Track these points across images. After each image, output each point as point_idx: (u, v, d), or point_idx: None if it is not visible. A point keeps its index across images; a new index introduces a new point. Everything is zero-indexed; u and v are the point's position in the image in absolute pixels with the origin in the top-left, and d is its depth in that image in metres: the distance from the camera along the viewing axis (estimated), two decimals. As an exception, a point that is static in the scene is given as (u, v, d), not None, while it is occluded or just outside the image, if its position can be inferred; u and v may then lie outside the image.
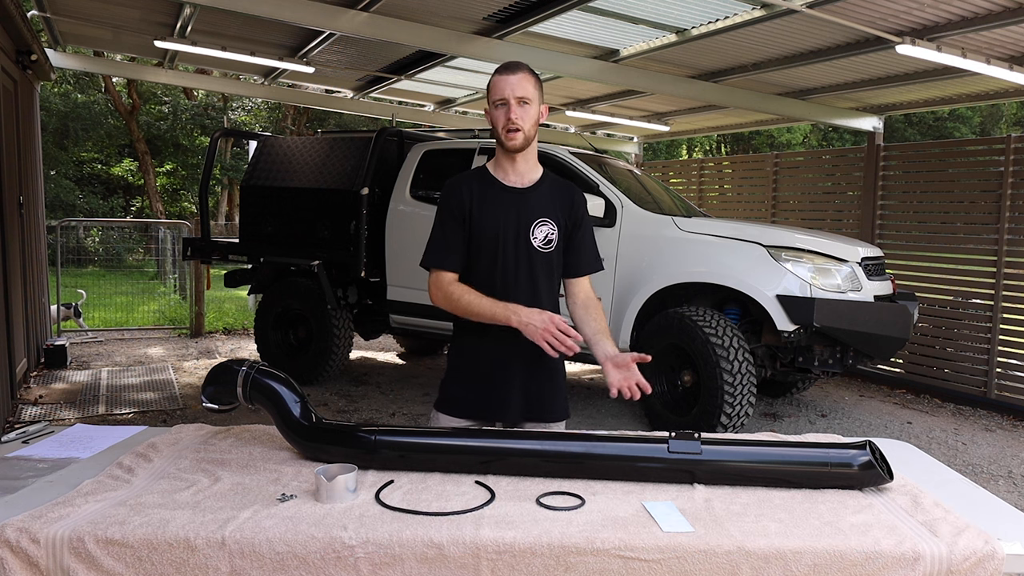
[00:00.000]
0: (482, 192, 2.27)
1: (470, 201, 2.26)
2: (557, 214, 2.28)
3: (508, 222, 2.25)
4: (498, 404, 2.27)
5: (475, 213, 2.25)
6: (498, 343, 2.25)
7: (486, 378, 2.28)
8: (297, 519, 1.63)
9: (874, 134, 7.99)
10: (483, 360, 2.28)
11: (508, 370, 2.27)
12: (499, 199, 2.26)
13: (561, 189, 2.33)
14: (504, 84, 2.17)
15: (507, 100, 2.17)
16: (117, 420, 5.49)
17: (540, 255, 2.27)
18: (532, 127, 2.21)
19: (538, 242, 2.26)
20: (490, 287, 2.25)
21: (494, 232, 2.25)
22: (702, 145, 27.48)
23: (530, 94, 2.17)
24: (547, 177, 2.33)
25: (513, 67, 2.20)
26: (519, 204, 2.26)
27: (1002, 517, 1.82)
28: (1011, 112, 24.78)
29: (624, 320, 5.38)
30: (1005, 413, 6.47)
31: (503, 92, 2.17)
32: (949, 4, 4.75)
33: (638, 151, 11.68)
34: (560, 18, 5.58)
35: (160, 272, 14.13)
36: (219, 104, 22.71)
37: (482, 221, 2.25)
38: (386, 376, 7.29)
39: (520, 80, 2.17)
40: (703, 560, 1.57)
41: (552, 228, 2.27)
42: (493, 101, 2.21)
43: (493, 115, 2.22)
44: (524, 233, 2.25)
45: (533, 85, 2.19)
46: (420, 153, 6.44)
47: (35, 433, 2.35)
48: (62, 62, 8.21)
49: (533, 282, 2.27)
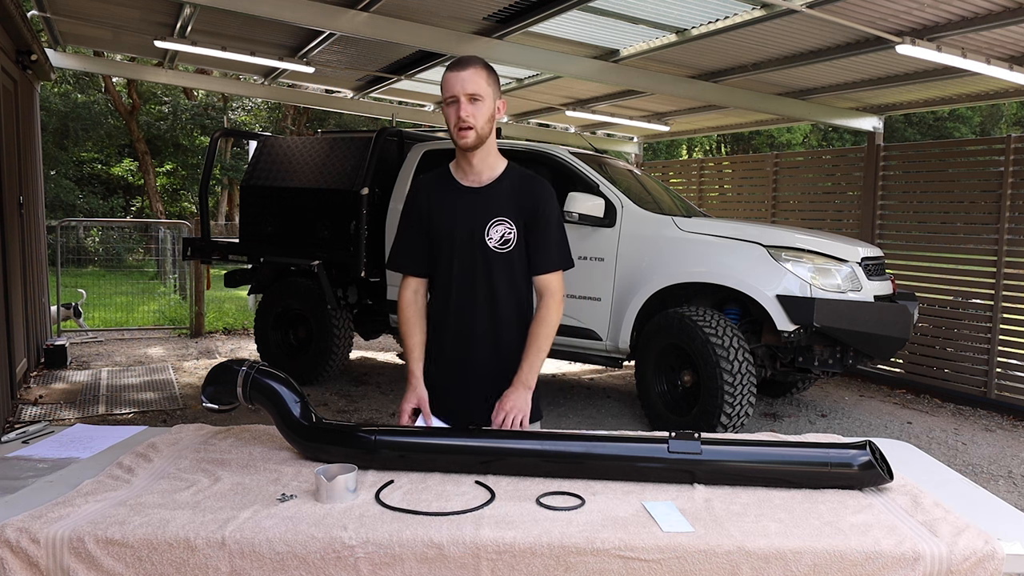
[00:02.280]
0: (440, 193, 2.24)
1: (427, 202, 2.24)
2: (515, 212, 2.20)
3: (462, 222, 2.20)
4: (467, 407, 2.26)
5: (432, 214, 2.23)
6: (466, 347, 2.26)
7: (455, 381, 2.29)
8: (297, 519, 1.63)
9: (874, 134, 7.99)
10: (451, 362, 2.29)
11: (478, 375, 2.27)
12: (454, 199, 2.22)
13: (523, 185, 2.23)
14: (454, 81, 2.10)
15: (457, 97, 2.10)
16: (117, 420, 5.49)
17: (497, 255, 2.20)
18: (485, 124, 2.13)
19: (493, 242, 2.20)
20: (447, 288, 2.25)
21: (448, 233, 2.21)
22: (702, 145, 27.47)
23: (482, 90, 2.10)
24: (511, 173, 2.24)
25: (464, 63, 2.13)
26: (474, 204, 2.21)
27: (1002, 517, 1.82)
28: (1011, 112, 24.78)
29: (624, 320, 5.38)
30: (1005, 413, 6.47)
31: (453, 89, 2.10)
32: (949, 4, 4.75)
33: (638, 151, 11.67)
34: (560, 18, 5.58)
35: (160, 272, 14.12)
36: (219, 104, 22.70)
37: (438, 222, 2.22)
38: (386, 376, 7.29)
39: (471, 76, 2.09)
40: (703, 560, 1.57)
41: (509, 227, 2.20)
42: (445, 99, 2.14)
43: (445, 113, 2.16)
44: (479, 233, 2.19)
45: (486, 81, 2.11)
46: (420, 153, 6.44)
47: (35, 433, 2.35)
48: (62, 62, 8.21)
49: (490, 284, 2.22)
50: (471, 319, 2.24)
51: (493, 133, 2.20)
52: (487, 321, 2.24)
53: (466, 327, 2.25)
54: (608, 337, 5.47)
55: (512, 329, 2.26)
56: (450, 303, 2.26)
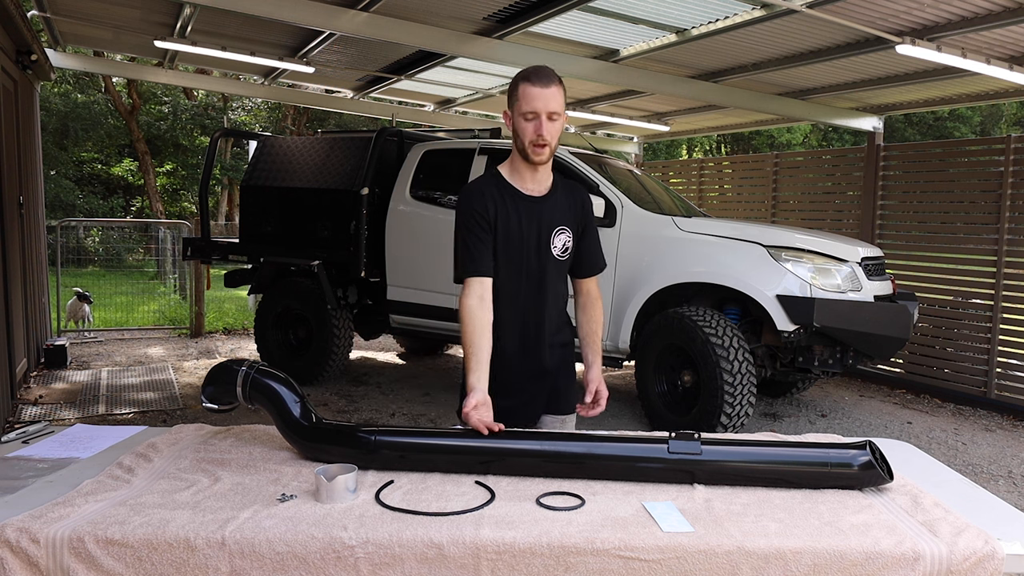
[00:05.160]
0: (504, 200, 2.22)
1: (494, 209, 2.21)
2: (572, 221, 2.29)
3: (531, 231, 2.23)
4: (526, 412, 2.30)
5: (499, 220, 2.21)
6: (528, 354, 2.29)
7: (519, 388, 2.28)
8: (297, 519, 1.63)
9: (874, 134, 7.99)
10: (518, 371, 2.28)
11: (542, 380, 2.32)
12: (520, 208, 2.23)
13: (571, 194, 2.33)
14: (537, 97, 2.11)
15: (538, 114, 2.11)
16: (117, 420, 5.49)
17: (558, 263, 2.28)
18: (557, 141, 2.18)
19: (557, 251, 2.27)
20: (510, 295, 2.25)
21: (519, 242, 2.22)
22: (702, 145, 27.46)
23: (560, 108, 2.13)
24: (557, 182, 2.31)
25: (547, 79, 2.13)
26: (539, 213, 2.25)
27: (1002, 517, 1.82)
28: (1011, 112, 24.75)
29: (624, 320, 5.38)
30: (1005, 413, 6.47)
31: (535, 106, 2.11)
32: (949, 4, 4.75)
33: (638, 151, 11.68)
34: (560, 18, 5.58)
35: (160, 272, 14.12)
36: (219, 104, 22.69)
37: (507, 230, 2.21)
38: (386, 376, 7.29)
39: (553, 95, 2.12)
40: (703, 560, 1.57)
41: (569, 236, 2.29)
42: (523, 112, 2.13)
43: (520, 126, 2.15)
44: (545, 242, 2.25)
45: (563, 98, 2.15)
46: (420, 153, 6.44)
47: (35, 433, 2.35)
48: (62, 62, 8.21)
49: (551, 290, 2.29)
50: (535, 325, 2.29)
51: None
52: (548, 325, 2.31)
53: (530, 332, 2.29)
54: (608, 337, 5.47)
55: (564, 331, 2.38)
56: (514, 310, 2.27)
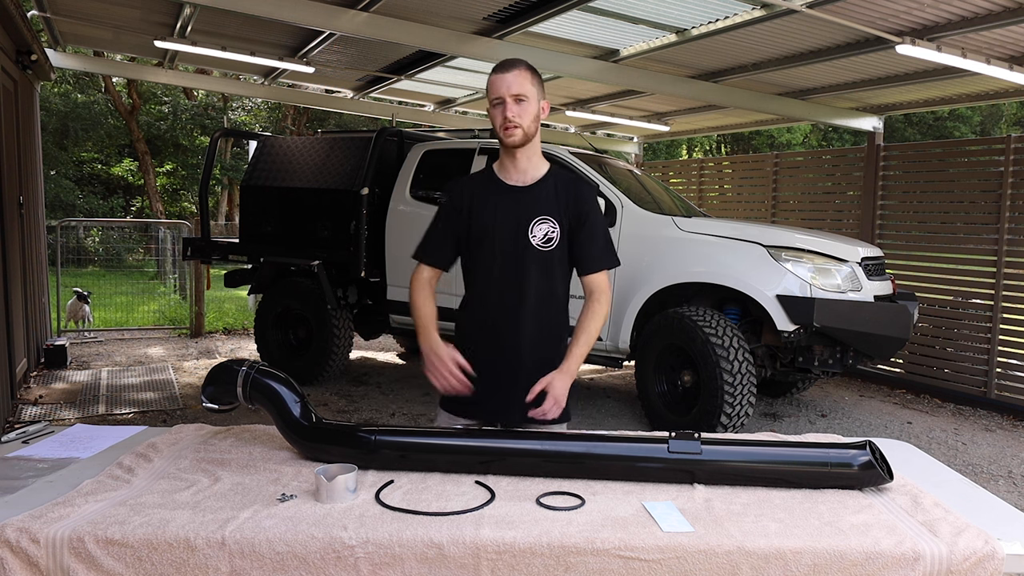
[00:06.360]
0: (483, 191, 2.28)
1: (469, 199, 2.27)
2: (559, 212, 2.25)
3: (506, 220, 2.24)
4: (503, 406, 2.26)
5: (474, 211, 2.26)
6: (505, 346, 2.25)
7: (492, 381, 2.26)
8: (297, 519, 1.63)
9: (874, 134, 7.99)
10: (489, 362, 2.26)
11: (516, 373, 2.25)
12: (498, 197, 2.26)
13: (568, 186, 2.29)
14: (500, 83, 2.18)
15: (503, 99, 2.17)
16: (117, 420, 5.49)
17: (539, 254, 2.24)
18: (531, 123, 2.20)
19: (537, 240, 2.23)
20: (487, 285, 2.27)
21: (490, 230, 2.24)
22: (702, 145, 27.46)
23: (527, 91, 2.17)
24: (553, 174, 2.30)
25: (509, 65, 2.20)
26: (519, 202, 2.25)
27: (1002, 517, 1.82)
28: (1011, 112, 24.74)
29: (624, 320, 5.38)
30: (1005, 413, 6.47)
31: (499, 91, 2.18)
32: (949, 4, 4.75)
33: (638, 151, 11.67)
34: (560, 18, 5.58)
35: (160, 272, 14.11)
36: (219, 104, 22.68)
37: (480, 219, 2.25)
38: (386, 376, 7.29)
39: (516, 77, 2.17)
40: (703, 560, 1.57)
41: (553, 226, 2.24)
42: (491, 100, 2.21)
43: (492, 114, 2.22)
44: (523, 230, 2.23)
45: (530, 82, 2.18)
46: (420, 153, 6.44)
47: (35, 433, 2.35)
48: (62, 62, 8.21)
49: (531, 282, 2.25)
50: (511, 316, 2.26)
51: (538, 135, 2.25)
52: (526, 319, 2.26)
53: (505, 324, 2.26)
54: (608, 337, 5.47)
55: (547, 329, 2.30)
56: (489, 299, 2.28)
